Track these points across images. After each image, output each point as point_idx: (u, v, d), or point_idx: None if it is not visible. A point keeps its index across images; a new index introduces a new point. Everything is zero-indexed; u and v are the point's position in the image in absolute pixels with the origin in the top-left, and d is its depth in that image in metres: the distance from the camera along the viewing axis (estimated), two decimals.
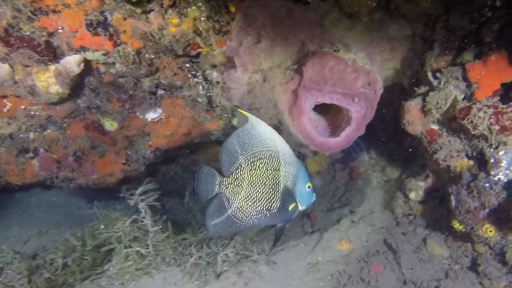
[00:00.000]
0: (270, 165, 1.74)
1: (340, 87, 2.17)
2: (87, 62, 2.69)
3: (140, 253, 2.81)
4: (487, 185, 2.16)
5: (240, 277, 2.66)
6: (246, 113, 1.79)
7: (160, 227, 2.99)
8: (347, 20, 2.47)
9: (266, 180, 1.75)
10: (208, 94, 3.08)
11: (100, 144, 3.57)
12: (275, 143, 1.76)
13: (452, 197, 2.35)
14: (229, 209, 1.78)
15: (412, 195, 2.87)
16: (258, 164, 1.74)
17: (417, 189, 2.84)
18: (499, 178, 2.14)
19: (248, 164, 1.76)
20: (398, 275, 2.51)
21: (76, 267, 2.73)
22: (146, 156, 3.85)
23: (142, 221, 2.93)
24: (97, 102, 3.11)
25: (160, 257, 2.92)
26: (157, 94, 3.07)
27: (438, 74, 2.38)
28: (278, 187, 1.76)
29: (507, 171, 2.11)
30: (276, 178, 1.75)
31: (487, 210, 2.20)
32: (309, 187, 1.80)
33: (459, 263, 2.56)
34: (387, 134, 3.55)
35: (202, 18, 2.37)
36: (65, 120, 3.26)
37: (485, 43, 2.22)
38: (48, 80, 2.64)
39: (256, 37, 2.41)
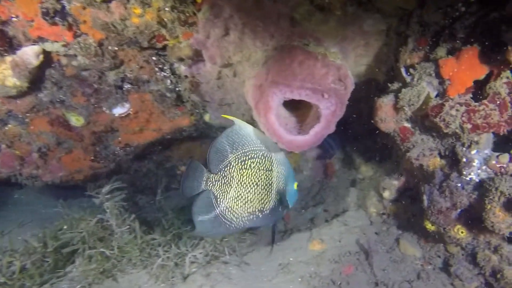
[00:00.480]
0: (263, 165, 1.71)
1: (309, 82, 2.08)
2: (46, 53, 2.55)
3: (104, 254, 2.68)
4: (459, 185, 2.10)
5: (207, 279, 2.56)
6: (231, 117, 1.75)
7: (127, 227, 2.87)
8: (319, 13, 2.38)
9: (259, 181, 1.71)
10: (177, 89, 2.96)
11: (66, 140, 3.42)
12: (266, 143, 1.73)
13: (425, 197, 2.29)
14: (217, 208, 1.72)
15: (386, 194, 2.81)
16: (249, 163, 1.70)
17: (391, 188, 2.78)
18: (470, 178, 2.08)
19: (238, 163, 1.70)
20: (370, 277, 2.44)
21: (35, 270, 2.59)
22: (116, 152, 3.72)
23: (108, 221, 2.80)
24: (61, 96, 2.97)
25: (126, 258, 2.80)
26: (124, 88, 2.94)
27: (411, 70, 2.31)
28: (271, 187, 1.73)
29: (479, 171, 2.05)
30: (269, 178, 1.72)
31: (458, 210, 2.14)
32: (297, 186, 1.82)
33: (431, 263, 2.51)
34: (362, 132, 3.48)
35: (166, 9, 2.26)
36: (27, 114, 3.11)
37: (458, 38, 2.15)
38: (4, 72, 2.49)
39: (224, 29, 2.31)
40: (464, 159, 2.08)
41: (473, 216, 2.13)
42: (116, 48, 2.54)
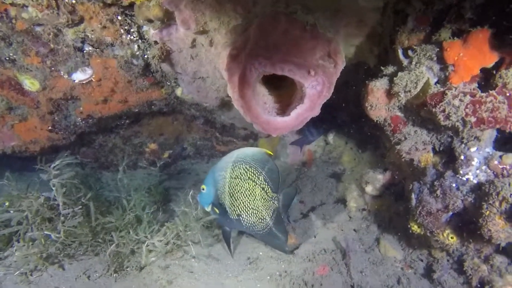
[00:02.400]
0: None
1: (294, 56, 1.79)
2: None
3: (50, 237, 2.37)
4: (454, 185, 1.87)
5: (165, 272, 2.28)
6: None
7: (80, 207, 2.55)
8: None
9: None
10: (145, 56, 2.62)
11: (19, 105, 3.05)
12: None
13: (413, 196, 2.05)
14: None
15: (368, 188, 2.56)
16: None
17: (374, 182, 2.54)
18: (467, 178, 1.84)
19: None
20: (346, 279, 2.21)
21: None
22: (77, 123, 3.37)
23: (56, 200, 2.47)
24: (11, 54, 2.59)
25: (77, 243, 2.49)
26: (84, 51, 2.58)
27: (409, 53, 2.04)
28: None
29: (478, 171, 1.82)
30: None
31: (450, 213, 1.91)
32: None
33: (412, 267, 2.29)
34: (346, 119, 3.23)
35: None
36: None
37: (466, 19, 1.88)
38: None
39: None
40: (462, 157, 1.84)
41: (464, 220, 1.91)
42: (74, 1, 2.19)
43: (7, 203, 2.53)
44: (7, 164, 4.09)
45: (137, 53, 2.57)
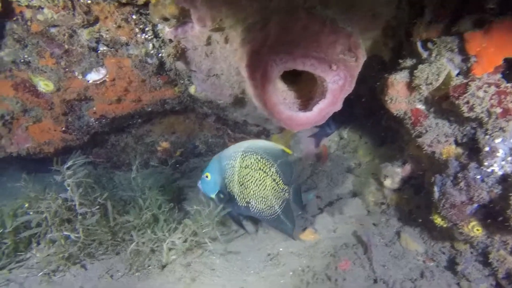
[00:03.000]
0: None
1: (314, 51, 1.78)
2: (6, 3, 2.16)
3: (70, 238, 2.37)
4: (478, 177, 1.85)
5: (187, 270, 2.29)
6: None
7: (97, 207, 2.55)
8: None
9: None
10: (159, 55, 2.61)
11: (33, 107, 3.06)
12: None
13: (435, 188, 2.04)
14: None
15: (387, 182, 2.55)
16: None
17: (393, 175, 2.53)
18: (492, 170, 1.83)
19: None
20: (368, 273, 2.20)
21: None
22: (91, 124, 3.37)
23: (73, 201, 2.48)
24: (25, 56, 2.60)
25: (96, 243, 2.50)
26: (99, 51, 2.58)
27: (429, 45, 2.03)
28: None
29: (503, 163, 1.80)
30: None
31: (475, 205, 1.90)
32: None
33: (435, 260, 2.28)
34: (360, 113, 3.21)
35: None
36: None
37: (487, 9, 1.86)
38: None
39: None
40: (487, 148, 1.83)
41: (490, 212, 1.89)
42: (89, 1, 2.18)
43: (26, 205, 2.54)
44: (21, 166, 4.11)
45: (152, 51, 2.56)
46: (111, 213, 2.64)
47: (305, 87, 2.13)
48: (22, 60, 2.63)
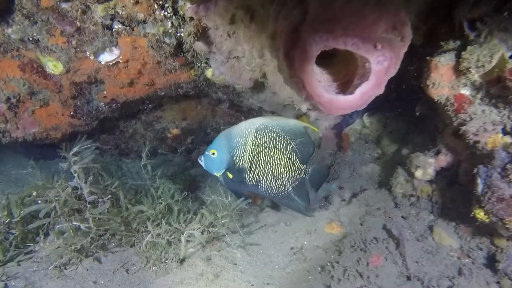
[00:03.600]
0: None
1: (357, 29, 1.61)
2: None
3: (80, 229, 2.23)
4: None
5: (209, 265, 2.14)
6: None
7: (109, 196, 2.40)
8: None
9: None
10: (178, 34, 2.44)
11: (41, 90, 2.89)
12: None
13: (479, 180, 1.89)
14: None
15: (419, 173, 2.41)
16: None
17: (426, 166, 2.38)
18: None
19: None
20: (401, 269, 2.07)
21: None
22: (100, 108, 3.21)
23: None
24: (34, 34, 2.42)
25: (109, 234, 2.36)
26: (113, 29, 2.40)
27: (478, 25, 1.86)
28: None
29: None
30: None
31: None
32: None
33: (470, 256, 2.14)
34: (386, 100, 3.05)
35: None
36: None
37: None
38: None
39: None
40: None
41: None
42: None
43: (34, 193, 2.39)
44: (26, 152, 3.95)
45: (170, 30, 2.39)
46: (124, 203, 2.50)
47: (339, 70, 1.96)
48: (31, 38, 2.45)
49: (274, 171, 2.23)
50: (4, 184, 3.32)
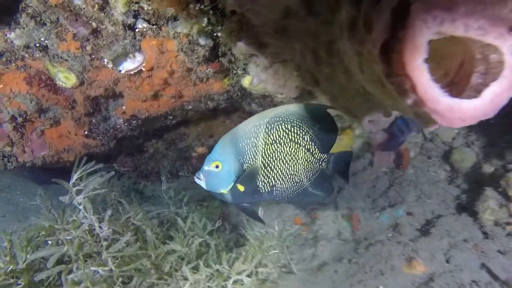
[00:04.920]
0: None
1: (480, 6, 1.15)
2: None
3: (99, 275, 1.78)
4: None
5: None
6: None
7: (131, 233, 1.96)
8: None
9: None
10: (214, 34, 2.02)
11: (51, 106, 2.49)
12: None
13: None
14: None
15: None
16: None
17: None
18: None
19: None
20: None
21: None
22: (118, 126, 2.78)
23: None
24: (42, 39, 2.02)
25: (136, 281, 1.90)
26: (136, 29, 1.99)
27: None
28: None
29: None
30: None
31: None
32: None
33: None
34: None
35: None
36: None
37: None
38: None
39: None
40: None
41: None
42: None
43: (43, 232, 1.95)
44: (32, 176, 3.54)
45: (206, 29, 1.96)
46: (151, 240, 2.06)
47: (437, 67, 1.51)
48: (38, 44, 2.05)
49: (291, 169, 1.82)
50: (11, 216, 2.88)
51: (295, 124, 1.77)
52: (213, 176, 1.76)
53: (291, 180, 1.83)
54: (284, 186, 1.83)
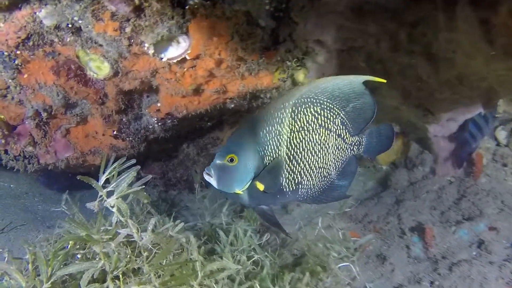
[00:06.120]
0: None
1: None
2: None
3: None
4: None
5: None
6: None
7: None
8: None
9: None
10: (276, 14, 1.72)
11: (78, 101, 2.21)
12: None
13: None
14: None
15: None
16: None
17: None
18: None
19: None
20: None
21: None
22: (150, 126, 2.50)
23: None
24: (75, 18, 1.74)
25: None
26: (187, 6, 1.70)
27: None
28: None
29: None
30: None
31: None
32: None
33: None
34: None
35: None
36: (17, 52, 1.88)
37: None
38: None
39: None
40: None
41: None
42: None
43: (71, 243, 1.64)
44: (46, 181, 3.24)
45: (268, 7, 1.66)
46: (197, 256, 1.74)
47: None
48: (70, 25, 1.77)
49: (321, 161, 1.50)
50: (30, 224, 2.59)
51: (325, 106, 1.46)
52: (227, 172, 1.43)
53: (319, 174, 1.52)
54: (311, 182, 1.52)
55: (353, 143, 1.54)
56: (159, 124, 2.47)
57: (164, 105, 2.32)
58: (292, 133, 1.43)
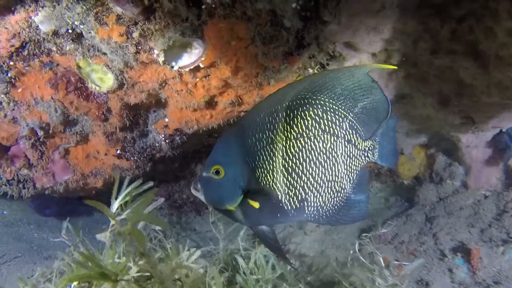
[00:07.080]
0: None
1: None
2: None
3: None
4: None
5: None
6: None
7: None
8: None
9: None
10: (303, 13, 1.53)
11: (79, 117, 2.00)
12: None
13: None
14: None
15: None
16: None
17: None
18: None
19: None
20: None
21: None
22: (157, 144, 2.28)
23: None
24: (76, 22, 1.54)
25: None
26: (203, 6, 1.50)
27: None
28: None
29: None
30: None
31: None
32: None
33: None
34: None
35: None
36: (10, 63, 1.68)
37: None
38: None
39: None
40: None
41: None
42: None
43: (75, 284, 1.40)
44: (36, 206, 2.99)
45: (294, 4, 1.47)
46: None
47: None
48: (70, 31, 1.57)
49: (329, 172, 1.28)
50: (25, 256, 2.34)
51: (327, 108, 1.24)
52: (214, 186, 1.26)
53: (329, 189, 1.30)
54: (321, 199, 1.30)
55: (366, 148, 1.32)
56: (167, 141, 2.25)
57: (173, 120, 2.11)
58: (288, 141, 1.22)
